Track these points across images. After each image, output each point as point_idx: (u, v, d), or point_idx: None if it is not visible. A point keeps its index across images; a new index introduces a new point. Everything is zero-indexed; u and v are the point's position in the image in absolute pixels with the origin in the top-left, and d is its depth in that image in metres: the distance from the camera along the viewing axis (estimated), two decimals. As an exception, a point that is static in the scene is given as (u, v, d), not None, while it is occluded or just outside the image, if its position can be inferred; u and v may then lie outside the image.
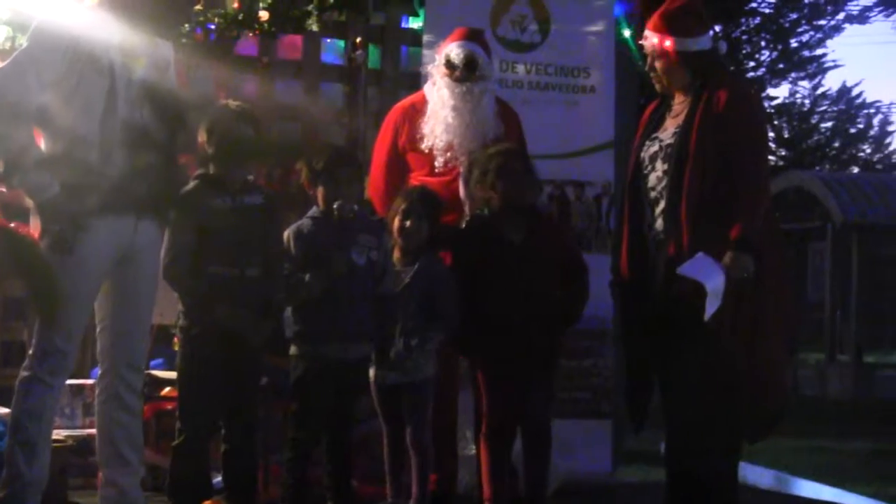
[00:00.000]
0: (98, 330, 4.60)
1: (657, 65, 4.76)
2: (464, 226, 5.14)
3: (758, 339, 4.56)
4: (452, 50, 5.32)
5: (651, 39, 4.75)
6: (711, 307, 4.41)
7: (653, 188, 4.73)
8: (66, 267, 4.30)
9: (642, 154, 4.80)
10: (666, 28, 4.71)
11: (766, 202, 4.63)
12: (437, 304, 4.89)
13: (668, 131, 4.74)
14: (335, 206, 4.71)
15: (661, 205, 4.67)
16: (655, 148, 4.75)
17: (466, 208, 5.23)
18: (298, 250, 4.71)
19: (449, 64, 5.31)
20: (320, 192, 4.79)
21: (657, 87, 4.85)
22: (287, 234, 4.75)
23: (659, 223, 4.69)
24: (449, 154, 5.29)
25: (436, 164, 5.31)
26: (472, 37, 5.39)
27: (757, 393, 4.58)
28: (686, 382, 4.58)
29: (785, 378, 4.79)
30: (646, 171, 4.77)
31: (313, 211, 4.82)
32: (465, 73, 5.29)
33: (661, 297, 4.63)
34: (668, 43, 4.70)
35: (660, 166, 4.70)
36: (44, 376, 4.35)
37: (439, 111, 5.30)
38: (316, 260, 4.69)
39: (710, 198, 4.55)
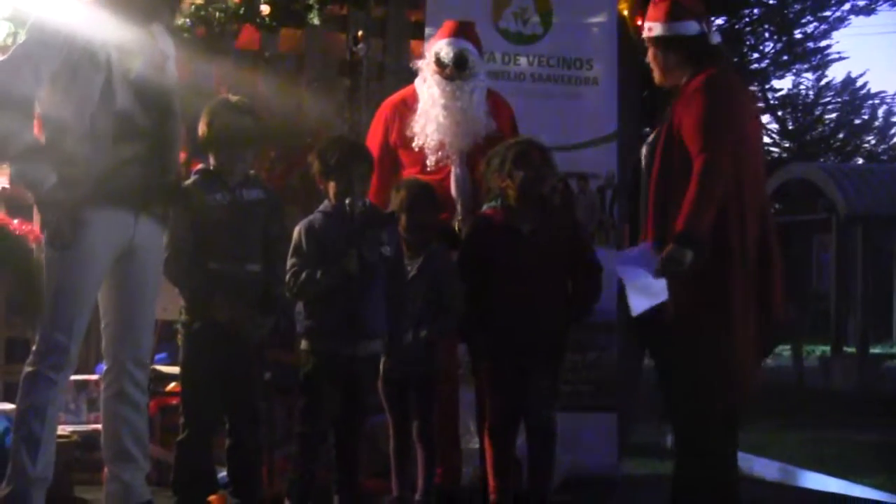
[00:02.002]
0: (103, 326, 4.60)
1: (649, 53, 4.71)
2: (468, 221, 5.11)
3: (723, 337, 4.40)
4: (442, 48, 5.27)
5: (644, 27, 4.70)
6: (636, 303, 4.39)
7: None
8: (66, 262, 4.31)
9: (643, 149, 4.77)
10: (652, 14, 4.65)
11: (718, 194, 4.36)
12: (443, 296, 4.88)
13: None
14: (347, 202, 4.65)
15: None
16: (648, 143, 4.73)
17: (458, 206, 5.23)
18: (310, 246, 4.65)
19: (439, 62, 5.27)
20: (332, 186, 4.72)
21: (655, 77, 4.78)
22: (298, 228, 4.69)
23: None
24: (440, 153, 5.27)
25: (427, 162, 5.28)
26: (462, 32, 5.32)
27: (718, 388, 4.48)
28: (670, 375, 4.55)
29: (748, 379, 4.48)
30: (642, 167, 4.74)
31: (325, 206, 4.75)
32: (455, 72, 5.26)
33: None
34: (652, 28, 4.65)
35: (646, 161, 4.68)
36: (47, 372, 4.35)
37: (430, 110, 5.26)
38: (327, 256, 4.64)
39: (674, 192, 4.42)
